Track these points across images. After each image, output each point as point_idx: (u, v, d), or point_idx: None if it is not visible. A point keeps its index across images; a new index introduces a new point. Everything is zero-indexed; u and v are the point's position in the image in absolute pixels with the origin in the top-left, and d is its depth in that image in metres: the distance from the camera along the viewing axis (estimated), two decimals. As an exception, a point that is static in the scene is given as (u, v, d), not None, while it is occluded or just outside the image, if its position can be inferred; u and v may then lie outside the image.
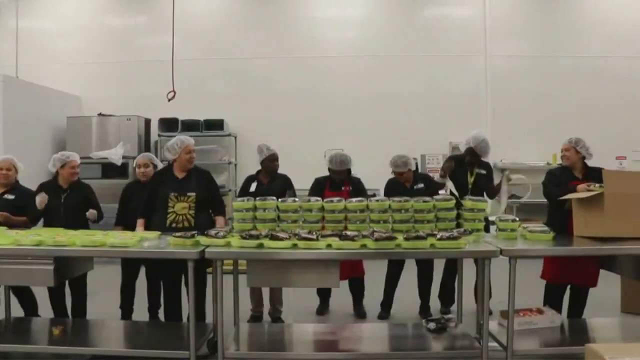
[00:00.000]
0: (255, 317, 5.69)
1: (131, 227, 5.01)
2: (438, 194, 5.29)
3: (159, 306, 5.41)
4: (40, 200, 5.02)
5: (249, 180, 5.71)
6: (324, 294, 5.93)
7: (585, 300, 5.04)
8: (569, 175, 4.94)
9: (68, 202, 5.18)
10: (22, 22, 10.56)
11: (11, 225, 4.91)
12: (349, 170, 5.73)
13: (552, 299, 4.99)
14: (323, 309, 5.89)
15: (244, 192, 5.57)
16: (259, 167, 5.72)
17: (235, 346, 4.39)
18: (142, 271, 5.44)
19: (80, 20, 10.62)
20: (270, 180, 5.63)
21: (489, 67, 10.00)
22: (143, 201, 5.06)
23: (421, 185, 5.69)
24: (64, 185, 5.24)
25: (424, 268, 5.79)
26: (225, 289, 4.16)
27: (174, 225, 4.81)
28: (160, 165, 5.54)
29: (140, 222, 5.01)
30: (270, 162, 5.63)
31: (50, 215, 5.16)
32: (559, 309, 4.91)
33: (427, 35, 10.12)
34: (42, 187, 5.25)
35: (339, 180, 5.64)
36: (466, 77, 10.06)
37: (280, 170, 5.78)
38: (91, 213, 5.17)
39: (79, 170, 5.36)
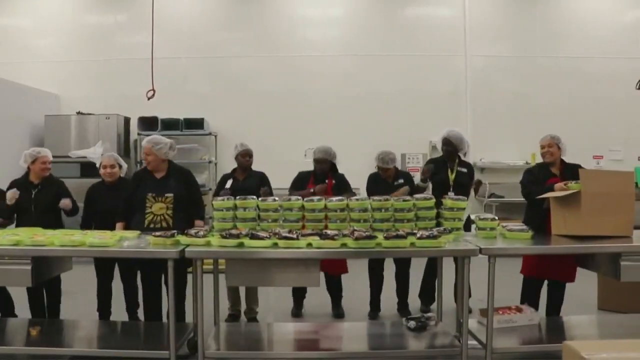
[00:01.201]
0: (233, 316, 5.68)
1: (98, 229, 4.92)
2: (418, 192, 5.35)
3: (138, 306, 5.37)
4: (11, 195, 4.95)
5: (225, 178, 5.74)
6: (299, 296, 5.87)
7: (562, 297, 5.11)
8: (548, 173, 5.02)
9: (39, 198, 5.11)
10: (-2, 19, 10.42)
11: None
12: (334, 167, 5.76)
13: (529, 295, 5.06)
14: (298, 312, 5.84)
15: (220, 189, 5.58)
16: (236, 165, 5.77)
17: (215, 346, 4.37)
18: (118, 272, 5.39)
19: (59, 17, 10.47)
20: (246, 177, 5.66)
21: (469, 67, 10.07)
22: (122, 202, 5.00)
23: (401, 181, 5.74)
24: (35, 181, 5.17)
25: (401, 267, 5.82)
26: (205, 288, 4.14)
27: (152, 225, 4.75)
28: (125, 167, 5.48)
29: (119, 226, 4.95)
30: (242, 157, 5.67)
31: (21, 211, 5.08)
32: (535, 305, 4.97)
33: (407, 35, 10.16)
34: (14, 184, 5.18)
35: (321, 173, 5.65)
36: (446, 77, 10.12)
37: (262, 169, 5.79)
38: (64, 202, 5.08)
39: (51, 166, 5.28)
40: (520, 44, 10.16)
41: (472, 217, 5.38)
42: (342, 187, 5.61)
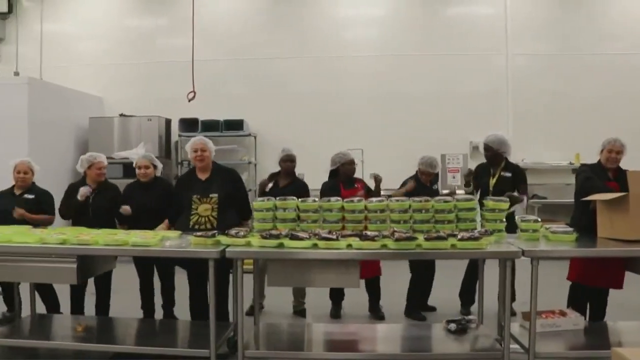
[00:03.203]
0: (300, 312, 5.89)
1: (134, 226, 5.03)
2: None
3: (173, 304, 5.46)
4: (84, 192, 5.11)
5: (270, 178, 5.85)
6: (337, 298, 5.90)
7: (605, 302, 4.96)
8: (604, 176, 4.87)
9: (96, 203, 5.26)
10: (45, 25, 10.72)
11: (35, 224, 5.00)
12: None
13: (577, 301, 4.92)
14: (336, 313, 5.86)
15: (262, 190, 5.72)
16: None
17: (255, 345, 4.40)
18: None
19: (102, 22, 10.76)
20: (288, 183, 5.74)
21: (510, 66, 9.93)
22: (172, 207, 5.09)
23: (436, 187, 5.94)
24: (92, 186, 5.32)
25: (416, 270, 5.85)
26: (245, 288, 4.17)
27: (196, 227, 4.81)
28: (160, 167, 5.57)
29: (165, 223, 5.04)
30: (283, 162, 5.76)
31: (77, 215, 5.22)
32: (583, 312, 4.83)
33: (448, 35, 10.06)
34: (73, 188, 5.35)
35: (350, 175, 5.72)
36: (487, 77, 9.99)
37: (301, 170, 5.84)
38: (125, 209, 5.22)
39: (106, 171, 5.44)
40: (564, 41, 9.96)
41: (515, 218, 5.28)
42: (368, 189, 5.75)
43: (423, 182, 5.76)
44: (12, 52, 10.74)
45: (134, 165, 5.52)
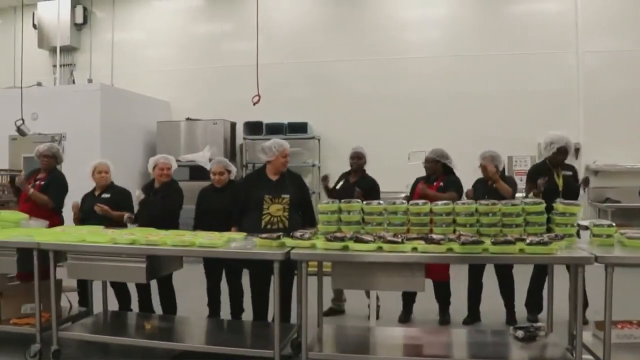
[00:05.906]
0: (335, 311, 5.94)
1: (207, 229, 5.05)
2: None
3: (242, 310, 5.48)
4: (137, 196, 5.36)
5: (341, 176, 6.01)
6: (408, 301, 5.81)
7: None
8: None
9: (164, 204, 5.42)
10: (117, 34, 11.16)
11: (108, 224, 5.19)
12: (447, 169, 5.69)
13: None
14: (406, 317, 5.77)
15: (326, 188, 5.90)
16: (345, 170, 6.05)
17: (318, 347, 4.40)
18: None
19: (168, 29, 11.11)
20: (358, 179, 5.83)
21: (581, 64, 9.55)
22: (236, 207, 5.14)
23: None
24: (157, 186, 5.53)
25: (475, 276, 5.68)
26: (309, 290, 4.18)
27: (269, 226, 4.85)
28: (234, 171, 5.64)
29: (233, 230, 5.05)
30: (351, 159, 5.90)
31: (143, 213, 5.41)
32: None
33: (514, 33, 9.78)
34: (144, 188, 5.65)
35: (431, 174, 5.67)
36: (556, 75, 9.65)
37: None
38: (126, 216, 5.40)
39: (170, 172, 5.57)
40: (637, 37, 9.46)
41: (585, 223, 5.07)
42: (446, 188, 5.51)
43: (485, 179, 5.61)
44: (86, 61, 11.23)
45: (209, 169, 5.65)
